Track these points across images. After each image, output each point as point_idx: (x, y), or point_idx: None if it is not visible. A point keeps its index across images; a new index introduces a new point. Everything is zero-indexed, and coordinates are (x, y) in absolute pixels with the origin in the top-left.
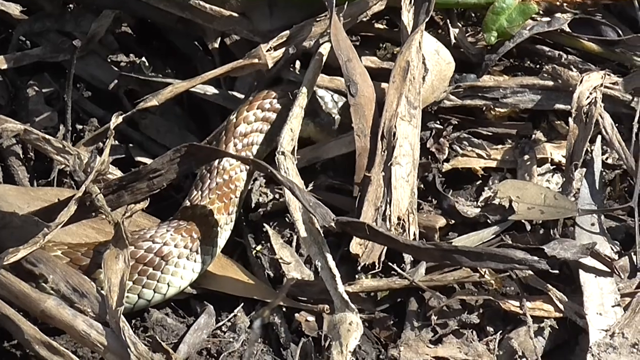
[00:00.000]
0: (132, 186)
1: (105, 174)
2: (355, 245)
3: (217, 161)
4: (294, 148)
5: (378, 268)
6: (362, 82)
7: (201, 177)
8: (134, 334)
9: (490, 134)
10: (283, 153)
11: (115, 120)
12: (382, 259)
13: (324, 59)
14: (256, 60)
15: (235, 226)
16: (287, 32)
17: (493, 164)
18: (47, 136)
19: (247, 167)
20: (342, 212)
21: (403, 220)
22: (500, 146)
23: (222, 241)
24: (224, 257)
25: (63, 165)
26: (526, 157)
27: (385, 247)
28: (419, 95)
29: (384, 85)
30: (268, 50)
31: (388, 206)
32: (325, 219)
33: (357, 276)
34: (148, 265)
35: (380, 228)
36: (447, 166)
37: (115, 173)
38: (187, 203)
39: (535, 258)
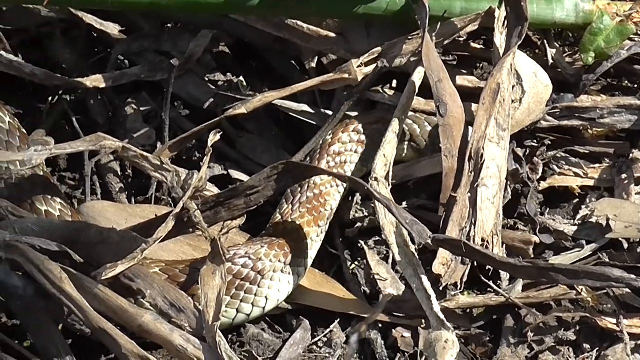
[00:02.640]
0: (230, 203)
1: (202, 190)
2: (439, 266)
3: None
4: (387, 174)
5: (460, 289)
6: (452, 102)
7: (292, 190)
8: (230, 349)
9: (587, 152)
10: (376, 179)
11: (213, 137)
12: (465, 280)
13: (418, 84)
14: (346, 75)
15: (331, 242)
16: (379, 48)
17: (590, 182)
18: (145, 153)
19: (341, 184)
20: (433, 230)
21: (487, 241)
22: (597, 165)
23: (313, 252)
24: (320, 273)
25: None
26: (624, 175)
27: (468, 269)
28: (508, 117)
29: (475, 106)
30: (359, 66)
31: (473, 227)
32: (422, 236)
33: (453, 293)
34: (245, 281)
35: (477, 246)
36: (544, 185)
37: (213, 190)
38: (278, 217)
39: (633, 276)
